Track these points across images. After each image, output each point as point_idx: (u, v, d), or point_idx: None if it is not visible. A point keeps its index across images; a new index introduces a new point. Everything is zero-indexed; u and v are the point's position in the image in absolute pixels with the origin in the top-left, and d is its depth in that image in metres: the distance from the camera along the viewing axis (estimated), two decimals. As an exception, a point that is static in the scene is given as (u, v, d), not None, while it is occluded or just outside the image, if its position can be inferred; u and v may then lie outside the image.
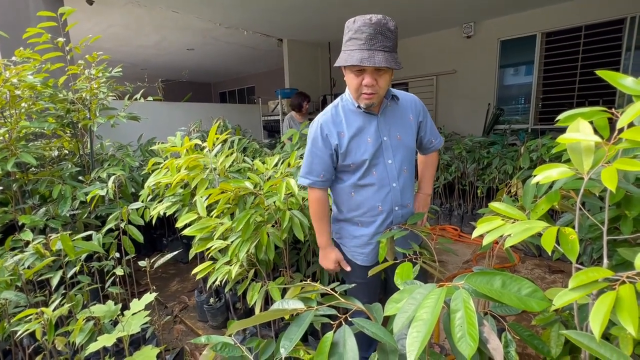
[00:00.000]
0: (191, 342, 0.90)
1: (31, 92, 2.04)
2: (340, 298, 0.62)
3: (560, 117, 0.76)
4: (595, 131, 0.77)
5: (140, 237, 1.76)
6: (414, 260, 0.97)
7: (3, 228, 1.81)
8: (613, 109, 0.76)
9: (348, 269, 1.28)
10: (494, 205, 0.89)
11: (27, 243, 1.41)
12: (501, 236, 0.83)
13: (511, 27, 4.76)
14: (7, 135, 1.68)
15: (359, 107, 1.17)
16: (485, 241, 0.75)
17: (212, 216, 1.36)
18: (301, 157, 1.77)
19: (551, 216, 2.84)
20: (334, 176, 1.25)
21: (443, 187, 3.52)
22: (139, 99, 2.25)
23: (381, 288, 1.52)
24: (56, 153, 2.56)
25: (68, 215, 1.90)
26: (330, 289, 0.68)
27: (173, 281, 2.64)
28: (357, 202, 1.23)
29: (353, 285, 1.08)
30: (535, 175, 0.77)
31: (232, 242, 1.22)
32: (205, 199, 1.35)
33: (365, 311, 0.61)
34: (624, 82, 0.70)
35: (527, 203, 1.10)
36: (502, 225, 0.78)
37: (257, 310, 1.23)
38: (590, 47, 4.22)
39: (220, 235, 1.26)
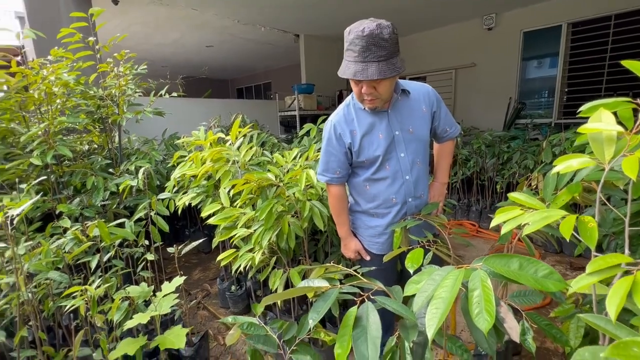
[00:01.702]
0: (220, 321, 0.95)
1: (65, 89, 2.17)
2: (363, 279, 0.66)
3: (583, 108, 0.77)
4: (620, 122, 0.77)
5: (166, 227, 1.85)
6: (427, 248, 1.00)
7: (42, 216, 1.94)
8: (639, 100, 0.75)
9: (368, 258, 1.32)
10: (513, 195, 0.90)
11: (65, 230, 1.52)
12: (519, 228, 0.85)
13: (535, 17, 4.61)
14: (45, 130, 1.80)
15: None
16: (504, 230, 0.77)
17: (235, 206, 1.42)
18: (319, 150, 1.82)
19: (574, 212, 2.75)
20: (350, 171, 1.30)
21: (461, 182, 3.48)
22: (164, 95, 2.34)
23: (397, 278, 1.55)
24: (87, 147, 2.71)
25: (99, 205, 2.02)
26: (353, 270, 0.72)
27: (196, 270, 2.75)
28: (372, 194, 1.27)
29: (370, 269, 1.12)
30: (555, 166, 0.78)
31: (254, 230, 1.28)
32: (229, 190, 1.41)
33: (387, 291, 0.65)
34: (651, 72, 0.70)
35: (547, 195, 1.10)
36: (520, 215, 0.80)
37: (278, 296, 1.29)
38: (620, 37, 4.03)
39: (243, 224, 1.32)
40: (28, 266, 1.08)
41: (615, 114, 0.75)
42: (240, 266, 1.30)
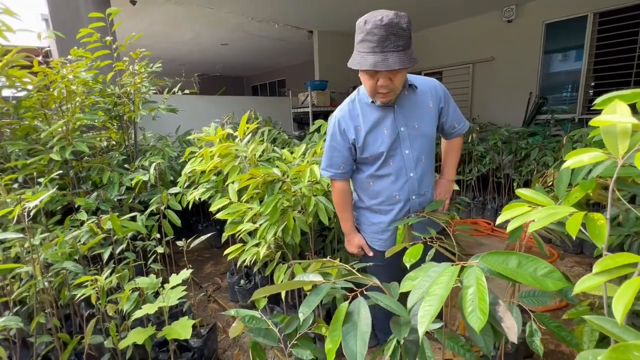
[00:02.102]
0: (222, 314, 0.97)
1: (84, 87, 2.25)
2: (358, 274, 0.65)
3: (599, 100, 0.73)
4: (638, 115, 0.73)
5: (178, 221, 1.90)
6: (429, 244, 0.98)
7: (63, 210, 2.03)
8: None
9: (371, 254, 1.31)
10: (521, 191, 0.87)
11: (82, 222, 1.58)
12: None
13: (558, 8, 4.41)
14: (65, 127, 1.87)
15: (373, 101, 1.18)
16: (510, 227, 0.74)
17: (242, 201, 1.43)
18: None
19: (592, 210, 2.64)
20: (354, 167, 1.29)
21: (477, 179, 3.39)
22: (177, 92, 2.39)
23: (402, 275, 1.53)
24: (105, 143, 2.80)
25: (116, 199, 2.10)
26: (350, 266, 0.71)
27: (207, 264, 2.80)
28: (376, 191, 1.26)
29: (370, 264, 1.11)
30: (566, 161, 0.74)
31: (260, 225, 1.29)
32: (237, 185, 1.43)
33: (381, 287, 0.64)
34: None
35: (560, 192, 1.06)
36: (527, 212, 0.77)
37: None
38: (651, 27, 3.81)
39: (250, 219, 1.33)
40: (44, 256, 1.13)
41: (634, 106, 0.72)
42: (245, 260, 1.32)
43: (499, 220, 0.80)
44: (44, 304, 1.17)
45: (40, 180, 1.62)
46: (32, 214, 1.07)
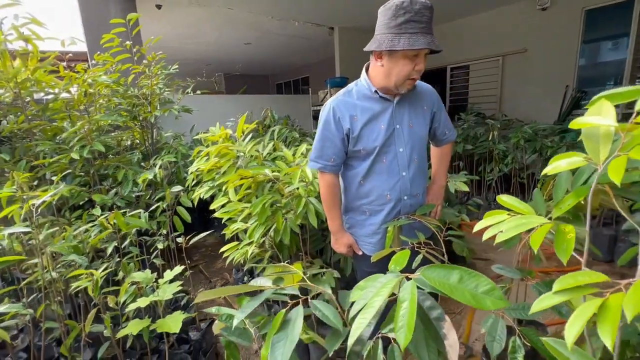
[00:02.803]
0: (204, 311, 1.00)
1: (108, 90, 2.39)
2: (308, 282, 0.64)
3: (595, 98, 0.66)
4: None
5: (188, 217, 1.98)
6: (416, 250, 0.94)
7: (91, 205, 2.18)
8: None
9: (360, 252, 1.28)
10: (502, 197, 0.82)
11: (97, 217, 1.69)
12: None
13: (600, -8, 4.04)
14: (84, 128, 2.01)
15: (376, 92, 1.16)
16: (485, 237, 0.70)
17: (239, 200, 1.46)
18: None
19: (614, 222, 2.37)
20: (344, 164, 1.26)
21: (498, 179, 3.20)
22: (190, 92, 2.47)
23: None
24: (129, 142, 2.97)
25: (133, 196, 2.22)
26: (313, 274, 0.70)
27: (219, 259, 2.90)
28: (366, 189, 1.22)
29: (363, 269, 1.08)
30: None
31: (250, 224, 1.31)
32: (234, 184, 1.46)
33: (330, 295, 0.62)
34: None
35: (558, 198, 0.97)
36: (503, 220, 0.72)
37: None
38: None
39: (243, 218, 1.36)
40: (50, 249, 1.22)
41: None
42: (234, 258, 1.35)
43: (477, 228, 0.75)
44: (55, 293, 1.27)
45: (64, 177, 1.75)
46: (39, 210, 1.16)
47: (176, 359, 1.41)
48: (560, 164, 0.65)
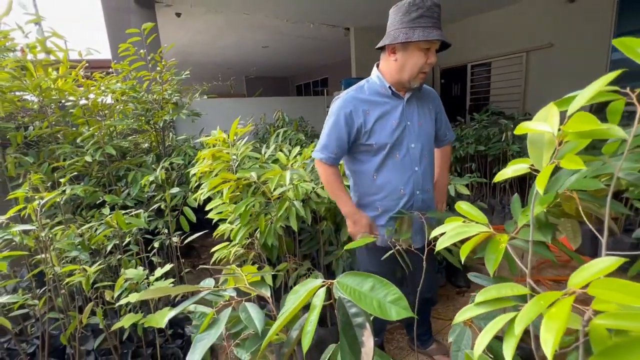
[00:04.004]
0: (179, 308, 1.04)
1: (126, 96, 2.54)
2: (248, 285, 0.66)
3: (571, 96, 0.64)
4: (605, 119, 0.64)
5: (193, 218, 2.06)
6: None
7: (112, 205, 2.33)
8: (629, 89, 0.60)
9: (377, 232, 1.30)
10: (460, 205, 0.80)
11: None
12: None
13: (634, -20, 3.75)
14: (98, 132, 2.15)
15: (389, 87, 1.22)
16: (438, 247, 0.69)
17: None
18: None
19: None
20: (355, 159, 1.29)
21: (513, 181, 3.06)
22: (197, 97, 2.57)
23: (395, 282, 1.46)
24: (146, 145, 3.14)
25: (146, 196, 2.35)
26: (261, 275, 0.72)
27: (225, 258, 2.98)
28: (379, 185, 1.25)
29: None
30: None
31: (235, 226, 1.35)
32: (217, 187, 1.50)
33: (267, 298, 0.64)
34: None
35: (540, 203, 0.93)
36: (454, 228, 0.70)
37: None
38: None
39: (230, 220, 1.40)
40: (55, 245, 1.33)
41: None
42: (218, 258, 1.39)
43: (432, 235, 0.74)
44: (59, 287, 1.38)
45: (77, 177, 1.89)
46: (43, 209, 1.26)
47: (168, 352, 1.48)
48: (506, 171, 0.63)
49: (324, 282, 0.54)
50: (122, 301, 1.24)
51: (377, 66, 1.29)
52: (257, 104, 4.92)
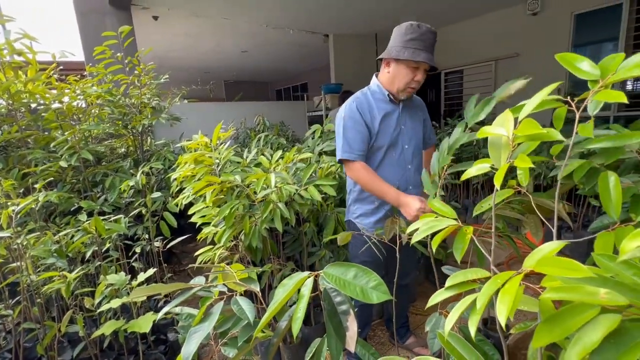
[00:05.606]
0: (165, 310, 1.05)
1: (102, 99, 2.48)
2: (239, 281, 0.70)
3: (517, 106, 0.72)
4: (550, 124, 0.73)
5: (174, 222, 2.05)
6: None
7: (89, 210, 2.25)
8: (569, 98, 0.69)
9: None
10: (433, 202, 0.86)
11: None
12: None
13: (589, -3, 4.08)
14: (74, 136, 2.09)
15: (389, 95, 1.37)
16: (413, 240, 0.75)
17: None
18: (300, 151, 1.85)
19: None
20: None
21: (484, 182, 3.23)
22: (177, 101, 2.55)
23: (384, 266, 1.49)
24: (123, 150, 3.07)
25: (124, 202, 2.30)
26: (248, 273, 0.76)
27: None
28: None
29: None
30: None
31: (220, 228, 1.37)
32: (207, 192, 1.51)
33: (257, 293, 0.67)
34: (580, 65, 0.65)
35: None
36: (427, 223, 0.77)
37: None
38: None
39: (214, 223, 1.42)
40: (30, 252, 1.29)
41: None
42: (202, 261, 1.40)
43: (409, 230, 0.80)
44: (35, 295, 1.34)
45: (51, 184, 1.83)
46: (18, 216, 1.23)
47: (151, 359, 1.47)
48: (471, 171, 0.70)
49: (310, 273, 0.58)
50: (104, 307, 1.22)
51: (376, 76, 1.44)
52: (238, 108, 4.90)
